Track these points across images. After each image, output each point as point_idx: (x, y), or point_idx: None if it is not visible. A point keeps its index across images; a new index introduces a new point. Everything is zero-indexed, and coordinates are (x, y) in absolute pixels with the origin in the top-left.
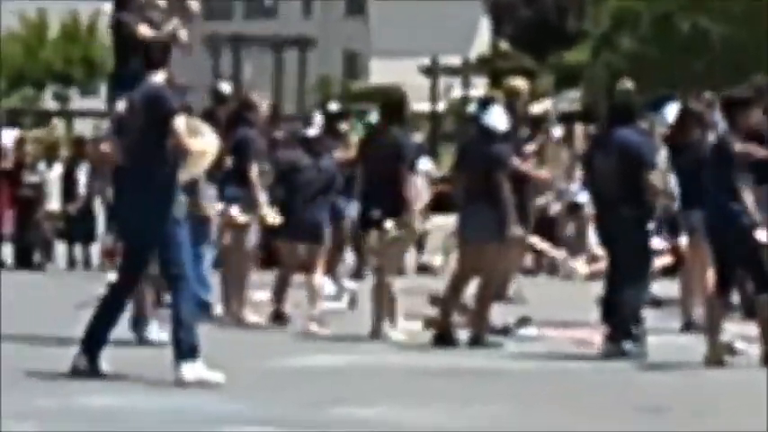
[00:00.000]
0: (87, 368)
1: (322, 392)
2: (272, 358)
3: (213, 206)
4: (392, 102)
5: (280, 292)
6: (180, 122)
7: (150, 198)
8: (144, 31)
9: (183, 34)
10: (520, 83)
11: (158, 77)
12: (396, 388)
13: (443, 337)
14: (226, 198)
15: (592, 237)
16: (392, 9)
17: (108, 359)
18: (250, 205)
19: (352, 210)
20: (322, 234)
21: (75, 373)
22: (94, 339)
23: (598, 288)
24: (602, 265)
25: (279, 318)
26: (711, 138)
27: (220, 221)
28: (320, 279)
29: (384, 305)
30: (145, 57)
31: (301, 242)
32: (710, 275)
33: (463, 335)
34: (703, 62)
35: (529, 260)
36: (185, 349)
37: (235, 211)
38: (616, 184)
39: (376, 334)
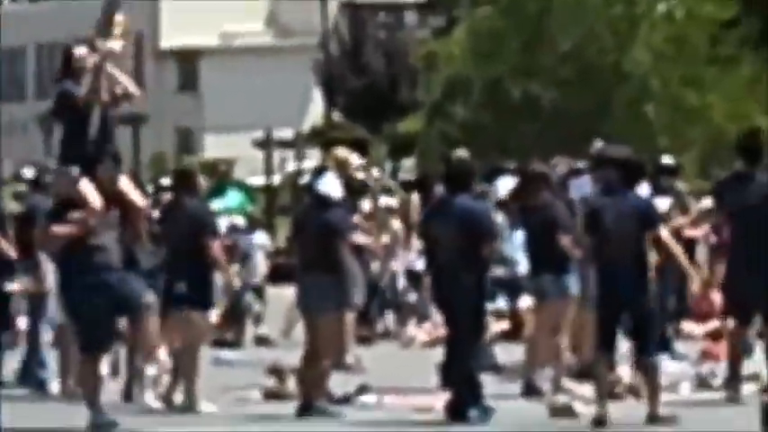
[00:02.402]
0: None
1: None
2: None
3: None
4: (181, 173)
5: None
6: None
7: None
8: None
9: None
10: (344, 152)
11: None
12: None
13: (307, 408)
14: None
15: None
16: (224, 83)
17: None
18: None
19: None
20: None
21: None
22: None
23: (437, 355)
24: (441, 331)
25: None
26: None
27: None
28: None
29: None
30: None
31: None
32: (564, 339)
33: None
34: (535, 127)
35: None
36: None
37: None
38: (456, 250)
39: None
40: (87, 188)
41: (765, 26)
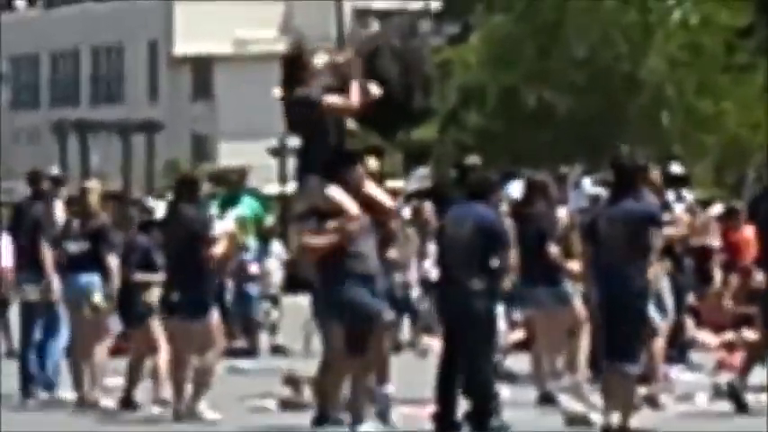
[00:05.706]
0: None
1: None
2: None
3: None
4: (181, 180)
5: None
6: None
7: None
8: (333, 100)
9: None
10: (372, 162)
11: None
12: None
13: (323, 418)
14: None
15: None
16: (238, 91)
17: None
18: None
19: None
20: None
21: None
22: None
23: None
24: None
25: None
26: (561, 212)
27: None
28: (163, 362)
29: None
30: None
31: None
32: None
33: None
34: (549, 134)
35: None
36: None
37: (97, 297)
38: (467, 258)
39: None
40: (340, 195)
41: None
